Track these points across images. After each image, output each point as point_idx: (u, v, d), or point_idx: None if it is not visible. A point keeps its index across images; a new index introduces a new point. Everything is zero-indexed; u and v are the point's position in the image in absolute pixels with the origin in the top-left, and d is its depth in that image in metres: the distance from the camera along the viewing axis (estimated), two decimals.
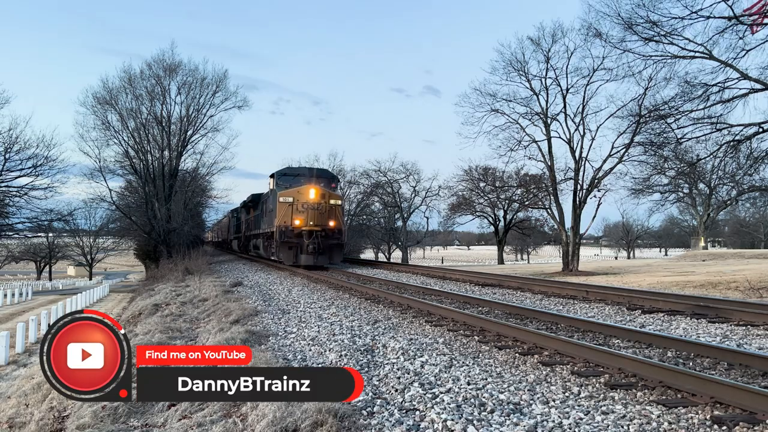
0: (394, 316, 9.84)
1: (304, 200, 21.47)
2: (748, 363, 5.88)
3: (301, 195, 21.61)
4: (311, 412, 4.28)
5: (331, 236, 21.87)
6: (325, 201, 21.79)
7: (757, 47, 15.80)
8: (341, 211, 23.34)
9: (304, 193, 21.64)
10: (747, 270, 21.37)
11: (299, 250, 21.47)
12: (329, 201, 21.98)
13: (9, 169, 33.79)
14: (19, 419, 6.40)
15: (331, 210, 21.93)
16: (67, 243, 70.07)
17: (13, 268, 78.45)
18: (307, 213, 21.36)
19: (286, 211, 21.46)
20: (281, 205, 21.52)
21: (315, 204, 21.47)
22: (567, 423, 4.27)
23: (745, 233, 72.67)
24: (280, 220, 21.41)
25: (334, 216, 22.04)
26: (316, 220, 21.48)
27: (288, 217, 21.43)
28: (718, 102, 16.91)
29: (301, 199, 21.51)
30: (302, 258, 21.38)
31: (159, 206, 33.10)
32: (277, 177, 23.62)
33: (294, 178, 23.22)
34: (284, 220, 21.42)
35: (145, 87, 33.40)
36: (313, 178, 22.91)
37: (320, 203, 21.58)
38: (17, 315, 26.58)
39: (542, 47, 24.41)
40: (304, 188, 21.77)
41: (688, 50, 17.34)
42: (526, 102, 25.42)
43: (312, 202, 21.48)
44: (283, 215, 21.44)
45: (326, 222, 21.77)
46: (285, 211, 21.45)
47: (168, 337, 8.68)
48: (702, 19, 16.16)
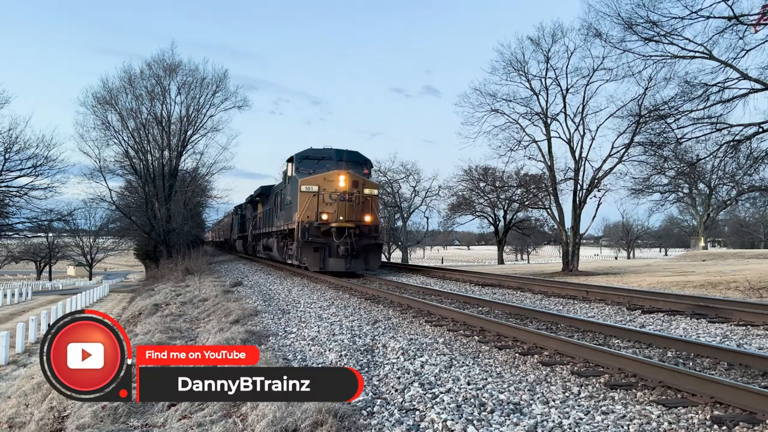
0: (394, 316, 9.84)
1: (333, 189, 17.55)
2: (748, 363, 5.89)
3: (328, 183, 17.68)
4: (311, 412, 4.28)
5: (366, 234, 17.92)
6: (358, 190, 17.83)
7: (757, 47, 15.83)
8: (378, 203, 19.59)
9: (332, 180, 17.70)
10: (747, 270, 21.37)
11: (326, 253, 17.51)
12: (363, 190, 18.04)
13: (9, 169, 33.80)
14: (19, 419, 6.40)
15: (365, 202, 18.00)
16: (67, 243, 70.08)
17: (13, 268, 78.45)
18: (337, 205, 17.44)
19: (311, 203, 17.55)
20: (304, 196, 17.66)
21: (346, 194, 17.52)
22: (567, 423, 4.27)
23: (745, 233, 72.68)
24: (302, 214, 17.57)
25: (370, 209, 18.11)
26: (348, 214, 17.53)
27: (313, 211, 17.56)
28: (718, 102, 16.92)
29: (328, 187, 17.61)
30: (330, 262, 17.41)
31: (159, 206, 33.09)
32: (297, 161, 19.44)
33: (318, 162, 19.17)
34: (308, 214, 17.55)
35: (145, 87, 33.42)
36: (342, 162, 18.97)
37: (353, 193, 17.61)
38: (17, 315, 26.58)
39: (542, 47, 24.42)
40: (333, 174, 17.82)
41: (688, 50, 17.36)
42: (526, 102, 25.43)
43: (342, 192, 17.51)
44: (306, 208, 17.56)
45: (361, 216, 17.82)
46: (309, 203, 17.56)
47: (168, 337, 8.68)
48: (702, 19, 16.19)
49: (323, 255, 17.52)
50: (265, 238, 26.04)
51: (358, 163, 19.71)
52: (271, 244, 23.60)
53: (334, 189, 17.58)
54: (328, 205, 17.53)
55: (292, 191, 19.06)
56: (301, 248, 17.64)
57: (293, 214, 18.44)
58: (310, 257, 17.53)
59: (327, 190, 17.61)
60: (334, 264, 17.42)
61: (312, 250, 17.50)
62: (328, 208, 17.53)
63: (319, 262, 17.55)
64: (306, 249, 17.52)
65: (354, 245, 17.36)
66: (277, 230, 22.14)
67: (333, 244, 17.39)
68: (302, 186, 17.82)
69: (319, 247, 17.52)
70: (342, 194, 17.54)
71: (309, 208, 17.58)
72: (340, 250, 17.28)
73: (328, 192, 17.59)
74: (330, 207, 17.53)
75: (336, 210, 17.51)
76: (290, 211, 19.08)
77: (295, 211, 18.24)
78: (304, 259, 17.71)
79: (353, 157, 19.89)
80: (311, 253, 17.52)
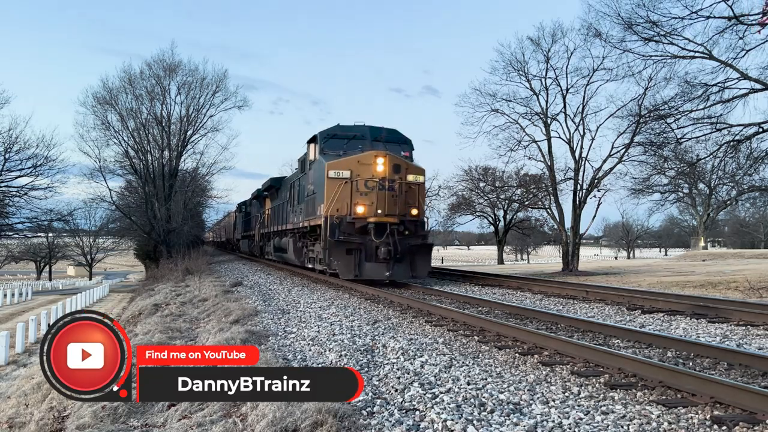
0: (394, 316, 9.84)
1: (369, 175, 14.25)
2: (748, 363, 5.89)
3: (363, 167, 14.37)
4: (311, 412, 4.28)
5: (413, 232, 14.64)
6: (400, 176, 14.50)
7: (757, 47, 15.83)
8: (425, 192, 16.46)
9: (368, 163, 14.36)
10: (747, 270, 21.37)
11: (362, 255, 14.09)
12: (407, 176, 14.75)
13: (9, 169, 33.81)
14: (19, 419, 6.40)
15: (410, 191, 14.85)
16: (67, 243, 70.09)
17: (13, 268, 78.44)
18: (375, 195, 14.14)
19: (341, 193, 14.26)
20: (332, 184, 14.33)
21: (386, 181, 14.20)
22: (567, 423, 4.27)
23: (745, 233, 72.69)
24: (330, 206, 14.26)
25: (416, 200, 14.98)
26: (388, 206, 14.15)
27: (344, 203, 14.31)
28: (718, 102, 16.93)
29: (363, 173, 14.31)
30: (367, 268, 14.03)
31: (159, 206, 33.08)
32: (321, 140, 15.80)
33: (348, 141, 15.63)
34: (337, 206, 14.28)
35: (145, 87, 33.42)
36: (378, 143, 15.50)
37: (393, 180, 14.30)
38: (17, 315, 26.59)
39: (542, 47, 24.39)
40: (368, 156, 14.46)
41: (688, 50, 17.36)
42: (526, 102, 25.40)
43: (381, 178, 14.18)
44: (335, 199, 14.26)
45: (405, 209, 14.53)
46: (339, 193, 14.25)
47: (168, 337, 8.68)
48: (702, 19, 16.19)
49: (358, 259, 14.06)
50: (276, 237, 22.68)
51: (397, 143, 16.04)
52: (285, 244, 20.16)
53: (371, 175, 14.22)
54: (363, 195, 14.23)
55: (316, 178, 15.69)
56: (329, 250, 14.06)
57: (317, 207, 15.19)
58: (342, 261, 13.98)
59: (362, 177, 14.24)
60: (372, 270, 14.01)
61: (344, 252, 13.99)
62: (363, 199, 14.22)
63: (354, 267, 13.97)
64: (336, 251, 13.98)
65: (397, 246, 13.91)
66: (293, 228, 18.74)
67: (371, 245, 13.98)
68: (330, 171, 14.41)
69: (353, 249, 14.04)
70: (381, 181, 14.14)
71: (339, 200, 14.29)
72: (381, 252, 13.85)
73: (363, 179, 14.22)
74: (366, 198, 14.22)
75: (374, 201, 14.13)
76: (312, 204, 15.86)
77: (320, 203, 14.90)
78: (333, 263, 14.07)
79: (392, 136, 16.14)
80: (343, 256, 14.00)
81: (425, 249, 14.98)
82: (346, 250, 14.03)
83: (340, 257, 14.05)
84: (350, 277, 14.03)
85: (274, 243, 23.28)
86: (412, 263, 14.54)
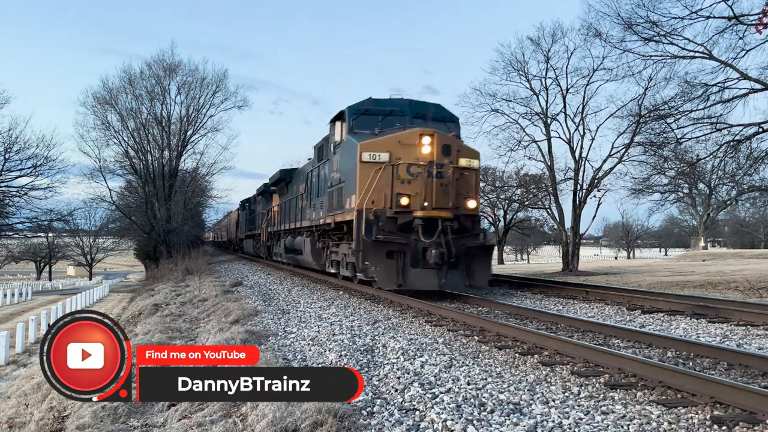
0: (394, 316, 9.84)
1: (413, 158, 11.43)
2: (748, 363, 5.89)
3: (405, 149, 11.53)
4: (311, 412, 4.28)
5: (469, 230, 11.82)
6: (451, 160, 11.63)
7: (757, 47, 15.84)
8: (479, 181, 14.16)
9: (411, 143, 11.51)
10: (747, 270, 21.38)
11: (406, 259, 11.11)
12: (459, 160, 11.87)
13: (9, 169, 33.88)
14: (19, 419, 6.40)
15: (463, 179, 11.91)
16: (67, 243, 70.14)
17: (13, 268, 78.46)
18: (423, 184, 11.30)
19: (380, 180, 11.42)
20: (366, 169, 11.55)
21: (434, 165, 11.32)
22: (567, 423, 4.27)
23: (745, 233, 72.71)
24: (364, 197, 11.42)
25: (470, 190, 12.08)
26: (439, 197, 11.29)
27: (382, 192, 11.48)
28: (718, 102, 16.94)
29: (405, 156, 11.48)
30: (414, 275, 11.09)
31: (159, 206, 33.10)
32: (351, 116, 12.88)
33: (383, 119, 12.76)
34: (374, 197, 11.44)
35: (145, 87, 33.47)
36: (419, 120, 12.65)
37: (442, 164, 11.43)
38: (17, 315, 26.59)
39: (542, 47, 24.41)
40: (412, 135, 11.58)
41: (688, 50, 17.37)
42: (526, 102, 25.41)
43: (428, 161, 11.31)
44: (370, 188, 11.40)
45: (459, 201, 11.73)
46: (376, 180, 11.40)
47: (168, 337, 8.68)
48: (702, 19, 16.19)
49: (401, 263, 11.05)
50: (287, 236, 20.05)
51: (442, 121, 13.16)
52: (300, 244, 17.24)
53: (415, 158, 11.43)
54: (405, 183, 11.44)
55: (344, 164, 12.96)
56: (363, 252, 11.14)
57: (345, 200, 12.54)
58: (382, 267, 10.98)
59: (403, 160, 11.45)
60: (419, 278, 11.12)
61: (383, 255, 11.01)
62: (406, 187, 11.40)
63: (396, 275, 10.98)
64: (374, 254, 11.01)
65: (451, 247, 11.12)
66: (310, 225, 16.02)
67: (417, 247, 11.18)
68: (364, 153, 11.61)
69: (395, 251, 11.06)
70: (428, 166, 11.31)
71: (376, 189, 11.41)
72: (431, 255, 11.00)
73: (406, 163, 11.44)
74: (409, 187, 11.41)
75: (420, 191, 11.32)
76: (338, 196, 13.15)
77: (349, 195, 12.21)
78: (370, 269, 11.06)
79: (436, 113, 13.29)
80: (382, 260, 11.00)
81: (485, 252, 12.09)
82: (387, 252, 11.01)
83: (378, 262, 11.00)
84: (392, 287, 11.09)
85: (284, 243, 20.39)
86: (468, 269, 11.60)
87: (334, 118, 13.92)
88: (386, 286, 11.16)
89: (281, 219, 21.99)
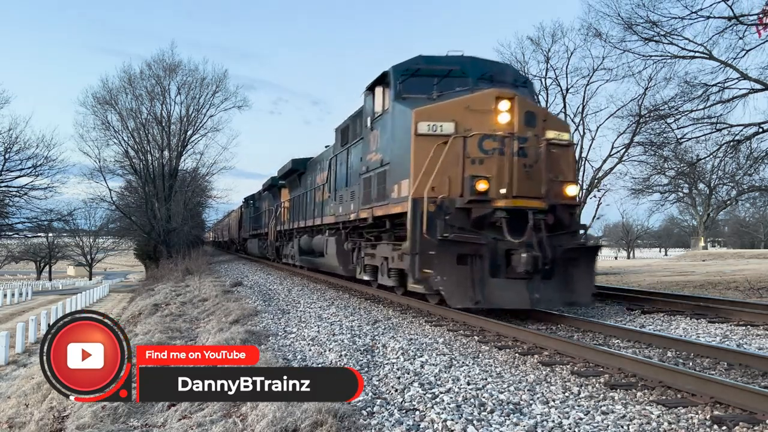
0: (394, 316, 9.84)
1: (488, 129, 8.56)
2: (748, 363, 5.89)
3: (475, 116, 8.64)
4: (311, 412, 4.28)
5: (566, 225, 8.95)
6: (536, 133, 8.70)
7: (757, 47, 15.84)
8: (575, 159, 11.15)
9: (483, 109, 8.65)
10: (747, 270, 21.39)
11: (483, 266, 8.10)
12: (545, 132, 8.85)
13: (9, 169, 33.96)
14: (19, 419, 6.41)
15: (554, 158, 8.86)
16: (67, 243, 70.16)
17: (13, 268, 78.46)
18: (507, 162, 8.45)
19: (445, 159, 8.48)
20: (423, 144, 8.68)
21: (515, 139, 8.51)
22: (567, 423, 4.27)
23: (745, 233, 72.72)
24: (422, 182, 8.45)
25: (567, 173, 9.19)
26: (524, 181, 8.52)
27: (446, 175, 8.52)
28: (718, 102, 16.95)
29: (476, 126, 8.59)
30: (494, 287, 8.13)
31: (159, 206, 33.12)
32: (397, 78, 9.85)
33: (439, 82, 9.76)
34: (435, 182, 8.42)
35: (145, 87, 33.54)
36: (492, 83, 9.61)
37: (527, 138, 8.59)
38: (17, 315, 26.61)
39: (542, 47, 24.32)
40: (484, 98, 8.73)
41: (688, 50, 17.36)
42: None
43: (509, 133, 8.50)
44: (430, 170, 8.49)
45: (555, 188, 8.85)
46: (440, 160, 8.47)
47: (168, 337, 8.68)
48: (702, 19, 16.18)
49: (479, 272, 8.05)
50: (302, 235, 17.30)
51: (514, 85, 9.91)
52: (320, 245, 14.50)
53: (490, 129, 8.50)
54: (477, 163, 8.51)
55: (388, 140, 9.85)
56: (422, 255, 8.19)
57: (392, 186, 9.51)
58: (452, 277, 8.02)
59: (473, 132, 8.50)
60: (503, 292, 8.14)
61: (454, 260, 8.04)
62: (480, 168, 8.49)
63: (472, 287, 8.00)
64: (440, 258, 8.05)
65: (546, 249, 8.20)
66: (335, 222, 13.34)
67: (498, 248, 8.23)
68: (420, 123, 8.67)
69: (469, 255, 8.08)
70: (508, 139, 8.43)
71: (440, 171, 8.40)
72: (520, 260, 8.02)
73: (479, 135, 8.49)
74: (483, 167, 8.49)
75: (500, 173, 8.42)
76: (380, 182, 10.14)
77: (399, 179, 9.24)
78: (433, 279, 8.06)
79: (507, 76, 10.18)
80: (452, 267, 8.02)
81: (588, 255, 8.93)
82: (458, 256, 7.98)
83: (445, 269, 7.94)
84: (466, 305, 8.00)
85: (298, 243, 17.56)
86: (566, 279, 8.45)
87: (371, 84, 10.81)
88: (458, 303, 8.03)
89: (293, 216, 19.56)
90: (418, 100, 9.35)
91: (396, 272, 9.77)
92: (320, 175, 15.85)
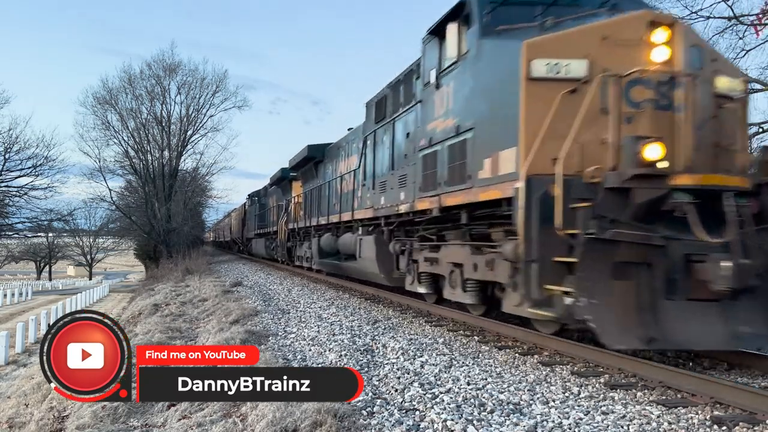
0: (394, 316, 9.84)
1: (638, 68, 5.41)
2: (748, 363, 5.89)
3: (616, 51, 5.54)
4: (311, 412, 4.28)
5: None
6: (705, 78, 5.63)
7: (757, 47, 15.81)
8: None
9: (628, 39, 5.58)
10: None
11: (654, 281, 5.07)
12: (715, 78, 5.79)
13: (9, 169, 33.94)
14: (19, 419, 6.41)
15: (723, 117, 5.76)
16: (67, 243, 70.17)
17: (13, 268, 78.49)
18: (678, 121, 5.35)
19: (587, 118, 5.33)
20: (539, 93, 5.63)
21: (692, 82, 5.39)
22: (567, 423, 4.27)
23: None
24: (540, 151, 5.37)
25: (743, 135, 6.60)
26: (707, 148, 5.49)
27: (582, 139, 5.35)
28: None
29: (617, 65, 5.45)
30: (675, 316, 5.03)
31: (159, 206, 33.12)
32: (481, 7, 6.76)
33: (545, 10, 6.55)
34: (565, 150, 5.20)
35: (145, 87, 33.56)
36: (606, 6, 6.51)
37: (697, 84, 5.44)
38: (17, 315, 26.61)
39: None
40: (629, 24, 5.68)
41: None
42: None
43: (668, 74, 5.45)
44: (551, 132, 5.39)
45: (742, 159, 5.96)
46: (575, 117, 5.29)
47: (168, 337, 8.68)
48: (702, 19, 16.15)
49: (649, 291, 5.15)
50: (323, 233, 15.06)
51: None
52: (351, 246, 12.25)
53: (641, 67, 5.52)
54: (637, 122, 5.49)
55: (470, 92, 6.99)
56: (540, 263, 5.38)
57: (479, 160, 6.63)
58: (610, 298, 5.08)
59: (620, 76, 5.48)
60: (688, 324, 5.13)
61: (608, 272, 5.08)
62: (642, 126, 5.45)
63: (639, 316, 5.10)
64: (585, 268, 5.01)
65: (756, 254, 5.21)
66: (375, 216, 10.80)
67: (676, 253, 5.18)
68: (534, 63, 5.72)
69: (632, 265, 5.16)
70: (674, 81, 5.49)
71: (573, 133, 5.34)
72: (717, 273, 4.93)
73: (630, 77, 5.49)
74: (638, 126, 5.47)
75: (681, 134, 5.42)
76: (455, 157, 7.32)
77: (495, 149, 6.28)
78: (577, 303, 5.05)
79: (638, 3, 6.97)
80: (608, 283, 5.08)
81: None
82: (613, 267, 5.15)
83: (599, 287, 5.08)
84: (635, 345, 5.29)
85: (318, 244, 15.14)
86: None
87: (438, 23, 7.85)
88: (620, 343, 5.24)
89: (309, 211, 16.99)
90: (521, 32, 6.37)
91: (476, 285, 7.54)
92: (345, 162, 13.55)
